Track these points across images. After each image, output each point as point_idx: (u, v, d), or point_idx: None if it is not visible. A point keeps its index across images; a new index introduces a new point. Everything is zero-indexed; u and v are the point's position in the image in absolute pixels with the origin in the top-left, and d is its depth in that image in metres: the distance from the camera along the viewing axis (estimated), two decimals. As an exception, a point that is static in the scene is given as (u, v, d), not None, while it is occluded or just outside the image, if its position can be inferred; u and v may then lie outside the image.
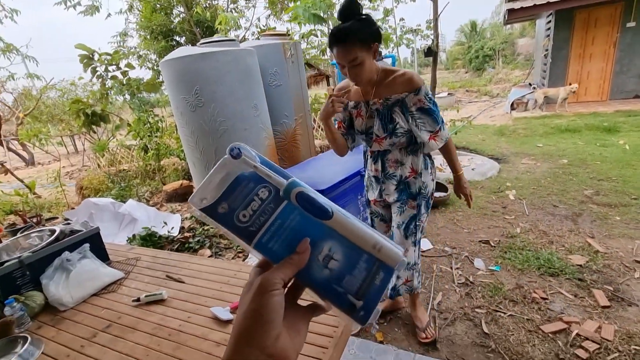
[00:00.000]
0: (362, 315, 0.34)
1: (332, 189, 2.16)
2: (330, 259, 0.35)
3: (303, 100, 4.22)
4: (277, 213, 0.35)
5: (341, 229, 0.35)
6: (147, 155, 5.45)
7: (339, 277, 0.35)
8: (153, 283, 1.48)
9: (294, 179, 0.37)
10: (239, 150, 0.36)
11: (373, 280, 0.35)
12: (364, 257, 0.35)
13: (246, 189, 0.36)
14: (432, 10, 3.62)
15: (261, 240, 0.35)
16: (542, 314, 1.90)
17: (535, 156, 4.75)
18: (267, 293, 0.32)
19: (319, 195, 0.37)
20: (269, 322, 0.31)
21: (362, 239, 0.35)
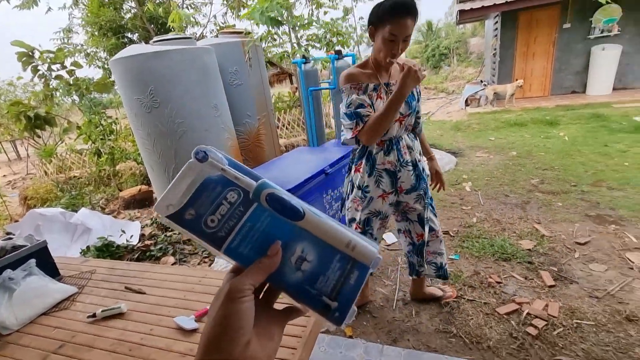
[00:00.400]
0: (337, 316, 0.33)
1: (297, 188, 2.16)
2: (303, 261, 0.34)
3: (265, 99, 4.17)
4: (246, 216, 0.35)
5: (313, 229, 0.35)
6: (101, 160, 5.11)
7: (312, 278, 0.34)
8: (111, 296, 1.40)
9: (264, 180, 0.36)
10: (205, 153, 0.35)
11: (347, 280, 0.34)
12: (338, 256, 0.34)
13: (214, 193, 0.35)
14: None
15: (230, 245, 0.34)
16: (497, 297, 2.04)
17: (489, 149, 5.06)
18: (236, 300, 0.31)
19: (290, 196, 0.36)
20: (238, 330, 0.30)
21: (335, 238, 0.35)
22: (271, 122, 4.39)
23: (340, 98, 1.69)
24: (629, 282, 2.03)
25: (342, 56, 3.99)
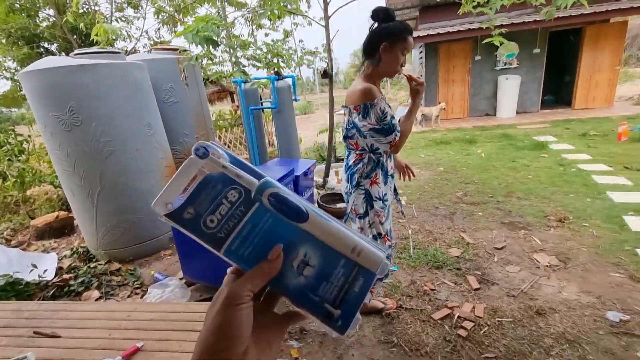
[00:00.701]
0: (340, 325, 0.32)
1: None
2: (305, 265, 0.33)
3: (204, 117, 4.05)
4: (247, 217, 0.33)
5: (317, 232, 0.33)
6: (7, 185, 4.43)
7: (314, 284, 0.32)
8: (15, 345, 1.20)
9: (266, 179, 0.34)
10: (205, 149, 0.33)
11: (352, 287, 0.32)
12: (342, 261, 0.33)
13: (214, 192, 0.33)
14: (325, 37, 3.93)
15: (230, 247, 0.32)
16: (432, 304, 2.19)
17: (420, 165, 5.51)
18: (234, 307, 0.29)
19: (295, 196, 0.34)
20: (234, 339, 0.29)
21: (341, 242, 0.33)
22: (211, 140, 4.26)
23: (282, 117, 1.73)
24: (537, 280, 2.34)
25: (282, 77, 4.08)
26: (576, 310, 2.02)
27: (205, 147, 0.33)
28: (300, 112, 17.39)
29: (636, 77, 14.82)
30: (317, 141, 6.75)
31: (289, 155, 4.37)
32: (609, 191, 3.63)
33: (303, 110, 17.58)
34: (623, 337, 1.79)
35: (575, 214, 3.21)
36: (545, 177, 4.28)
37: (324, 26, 3.94)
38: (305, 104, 18.44)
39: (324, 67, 3.96)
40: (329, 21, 3.95)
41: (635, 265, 2.36)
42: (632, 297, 2.07)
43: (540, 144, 5.87)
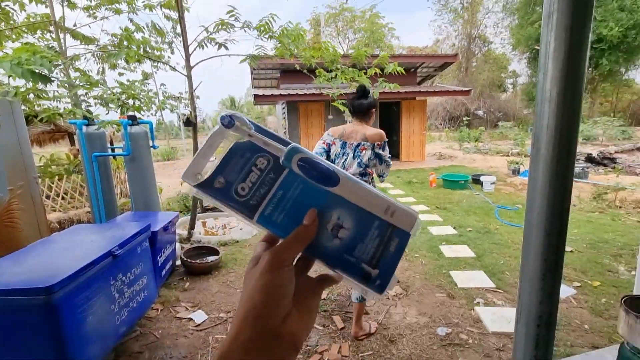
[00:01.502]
0: (379, 285, 0.32)
1: (70, 280, 1.69)
2: (340, 228, 0.33)
3: (25, 163, 3.20)
4: (278, 183, 0.33)
5: (349, 195, 0.33)
6: None
7: (350, 246, 0.33)
8: None
9: (294, 145, 0.33)
10: (231, 118, 0.33)
11: (388, 247, 0.33)
12: (376, 223, 0.33)
13: (242, 160, 0.33)
14: (188, 85, 3.87)
15: (264, 213, 0.33)
16: (303, 353, 2.21)
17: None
18: (277, 269, 0.30)
19: (324, 160, 0.34)
20: (278, 301, 0.29)
21: (373, 203, 0.33)
22: (33, 192, 3.36)
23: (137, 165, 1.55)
24: (388, 309, 2.69)
25: (136, 122, 3.71)
26: (417, 331, 2.41)
27: (231, 116, 0.33)
28: (163, 159, 15.88)
29: (436, 139, 20.17)
30: (180, 191, 6.23)
31: (147, 207, 3.86)
32: (429, 226, 4.66)
33: (166, 157, 16.14)
34: (449, 348, 2.23)
35: (410, 247, 3.94)
36: (388, 218, 5.16)
37: (187, 76, 3.89)
38: (169, 150, 17.01)
39: (186, 115, 3.83)
40: (194, 71, 3.93)
41: (450, 285, 3.04)
42: (451, 312, 2.63)
43: (382, 189, 7.10)
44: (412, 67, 11.12)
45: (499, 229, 4.53)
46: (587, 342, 2.23)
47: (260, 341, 0.28)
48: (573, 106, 0.62)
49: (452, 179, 7.24)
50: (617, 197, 5.55)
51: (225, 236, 4.47)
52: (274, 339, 0.28)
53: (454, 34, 30.07)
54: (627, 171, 8.25)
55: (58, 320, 1.66)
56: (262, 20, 3.65)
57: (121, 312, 2.12)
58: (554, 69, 0.62)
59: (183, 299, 2.93)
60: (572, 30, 0.60)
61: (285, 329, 0.29)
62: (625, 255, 3.55)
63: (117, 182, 6.01)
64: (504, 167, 8.90)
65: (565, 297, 2.79)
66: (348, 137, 2.26)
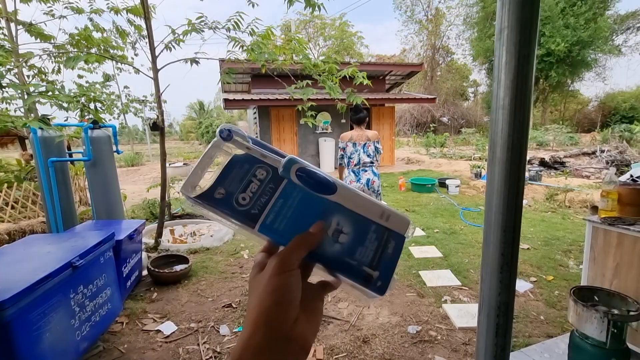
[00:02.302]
0: (380, 285, 0.34)
1: (23, 295, 1.58)
2: (340, 233, 0.34)
3: (-32, 171, 2.94)
4: (278, 192, 0.34)
5: (346, 202, 0.35)
6: None
7: (351, 250, 0.34)
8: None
9: (291, 156, 0.35)
10: (229, 132, 0.35)
11: (386, 249, 0.34)
12: (373, 227, 0.35)
13: (242, 171, 0.34)
14: (154, 88, 3.75)
15: (265, 222, 0.34)
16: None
17: (260, 218, 5.70)
18: (285, 272, 0.30)
19: (320, 170, 0.35)
20: (288, 304, 0.30)
21: (369, 209, 0.35)
22: (-22, 202, 3.08)
23: (99, 171, 1.47)
24: (361, 311, 2.74)
25: (98, 126, 3.53)
26: (389, 331, 2.47)
27: (229, 130, 0.35)
28: (127, 164, 15.10)
29: (404, 144, 20.85)
30: (147, 197, 5.97)
31: (109, 215, 3.66)
32: (399, 229, 4.80)
33: (130, 162, 15.37)
34: (420, 345, 2.30)
35: (381, 250, 4.04)
36: (359, 222, 5.25)
37: (153, 78, 3.76)
38: (133, 155, 16.22)
39: (154, 119, 3.70)
40: (161, 73, 3.81)
41: (420, 284, 3.15)
42: (421, 310, 2.72)
43: (353, 194, 7.23)
44: (380, 75, 11.46)
45: (464, 229, 4.76)
46: (543, 332, 2.40)
47: (273, 344, 0.28)
48: (523, 113, 0.69)
49: (420, 182, 7.51)
50: (567, 197, 6.03)
51: (195, 244, 4.34)
52: (285, 341, 0.29)
53: (420, 44, 31.42)
54: (574, 174, 8.98)
55: (10, 339, 1.54)
56: (231, 21, 3.62)
57: (82, 327, 2.00)
58: (505, 79, 0.69)
59: (150, 310, 2.80)
60: (520, 44, 0.67)
61: (295, 332, 0.30)
62: (574, 250, 3.86)
63: (76, 189, 5.65)
64: (467, 171, 9.37)
65: (523, 291, 2.98)
66: (356, 139, 3.50)
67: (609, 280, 1.97)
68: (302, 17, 27.61)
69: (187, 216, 5.70)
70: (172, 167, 11.25)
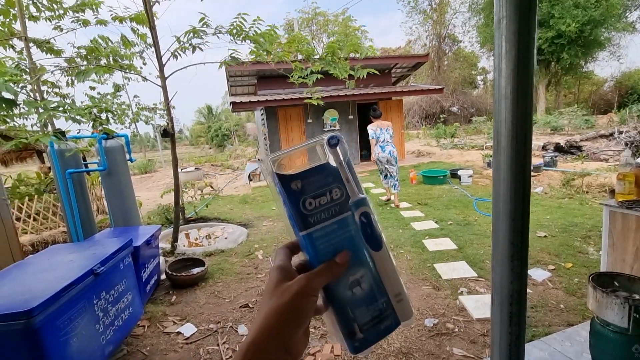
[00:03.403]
0: (357, 346, 0.35)
1: (51, 301, 1.65)
2: (357, 285, 0.36)
3: (-8, 186, 3.07)
4: (338, 218, 0.36)
5: (380, 264, 0.37)
6: None
7: (356, 304, 0.36)
8: None
9: (365, 197, 0.37)
10: (338, 141, 0.37)
11: (380, 323, 0.36)
12: (384, 299, 0.37)
13: (324, 181, 0.36)
14: (163, 96, 3.82)
15: (312, 234, 0.35)
16: (296, 355, 2.22)
17: (272, 217, 5.75)
18: (308, 297, 0.33)
19: (378, 224, 0.37)
20: (300, 325, 0.33)
21: (392, 283, 0.37)
22: (3, 215, 3.22)
23: (114, 180, 1.52)
24: (376, 306, 2.75)
25: (111, 136, 3.63)
26: (405, 324, 2.47)
27: (338, 139, 0.37)
28: (140, 172, 15.44)
29: (414, 137, 20.62)
30: (161, 203, 6.10)
31: (126, 222, 3.76)
32: (412, 222, 4.77)
33: (144, 169, 15.70)
34: (437, 338, 2.30)
35: (394, 244, 4.03)
36: (371, 217, 5.24)
37: (161, 86, 3.83)
38: (146, 162, 16.57)
39: (164, 126, 3.78)
40: (169, 81, 3.88)
41: (435, 277, 3.13)
42: (437, 303, 2.71)
43: (364, 189, 7.20)
44: (386, 68, 11.36)
45: (478, 220, 4.70)
46: (564, 320, 2.35)
47: (277, 351, 0.32)
48: (525, 101, 0.69)
49: (431, 174, 7.43)
50: (584, 182, 5.87)
51: (210, 246, 4.42)
52: (285, 352, 0.32)
53: (425, 34, 30.94)
54: (591, 158, 8.73)
55: (40, 345, 1.61)
56: (233, 24, 3.65)
57: (106, 331, 2.07)
58: (506, 69, 0.69)
59: (170, 313, 2.88)
60: (519, 33, 0.66)
61: (294, 347, 0.33)
62: (594, 236, 3.77)
63: (94, 198, 5.82)
64: (479, 161, 9.22)
65: (542, 280, 2.93)
66: (380, 126, 5.49)
67: (629, 265, 1.92)
68: (304, 15, 27.57)
69: (201, 220, 5.80)
70: (185, 172, 11.44)
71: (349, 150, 0.37)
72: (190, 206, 6.46)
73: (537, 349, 1.96)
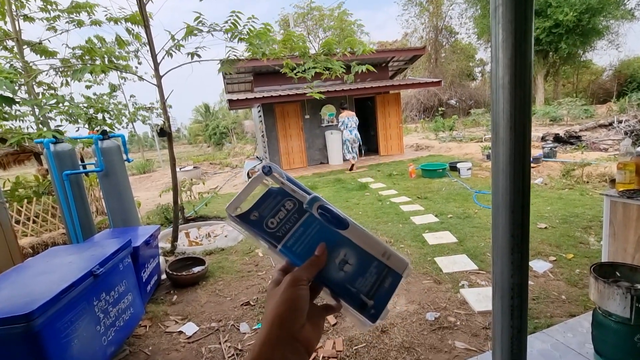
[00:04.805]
0: (373, 314, 0.38)
1: (51, 304, 1.64)
2: (345, 263, 0.40)
3: (-11, 190, 3.05)
4: (300, 222, 0.41)
5: (355, 237, 0.41)
6: None
7: (352, 278, 0.39)
8: None
9: (315, 195, 0.43)
10: (270, 168, 0.43)
11: (383, 283, 0.39)
12: (375, 263, 0.40)
13: (274, 201, 0.42)
14: (159, 95, 3.79)
15: (287, 244, 0.40)
16: (298, 351, 2.22)
17: (272, 215, 5.74)
18: (297, 286, 0.37)
19: (337, 209, 0.42)
20: (298, 310, 0.37)
21: (374, 247, 0.40)
22: (2, 218, 3.20)
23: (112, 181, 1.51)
24: (377, 301, 2.74)
25: (107, 136, 3.60)
26: (407, 319, 2.47)
27: (270, 166, 0.43)
28: (138, 172, 15.42)
29: (412, 131, 20.57)
30: (160, 203, 6.09)
31: (125, 223, 3.75)
32: (412, 216, 4.77)
33: (142, 169, 15.67)
34: (439, 332, 2.30)
35: (395, 238, 4.02)
36: (371, 211, 5.23)
37: (157, 85, 3.80)
38: (144, 162, 16.53)
39: (160, 125, 3.75)
40: (165, 80, 3.85)
41: (436, 271, 3.13)
42: (438, 297, 2.71)
43: (363, 184, 7.19)
44: (383, 62, 11.28)
45: (478, 212, 4.69)
46: (565, 311, 2.35)
47: (284, 341, 0.36)
48: (523, 90, 0.67)
49: (430, 168, 7.42)
50: (584, 172, 5.86)
51: (210, 245, 4.41)
52: (293, 341, 0.36)
53: (421, 27, 30.72)
54: (591, 148, 8.71)
55: (41, 347, 1.60)
56: (228, 22, 3.61)
57: (107, 332, 2.06)
58: (504, 58, 0.67)
59: (172, 312, 2.88)
60: (516, 22, 0.64)
61: (301, 335, 0.37)
62: (595, 226, 3.76)
63: (92, 199, 5.80)
64: (478, 153, 9.19)
65: (543, 271, 2.93)
66: (347, 115, 8.07)
67: (630, 254, 1.92)
68: (300, 10, 27.36)
69: (200, 218, 5.79)
70: (183, 171, 11.42)
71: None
72: (190, 205, 6.44)
73: (539, 340, 1.96)
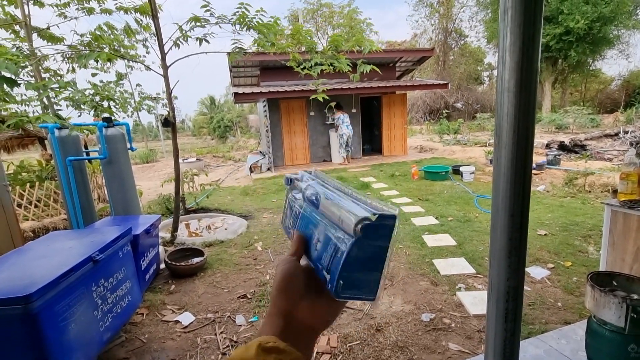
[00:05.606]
0: (331, 288, 0.37)
1: (49, 288, 1.66)
2: (318, 242, 0.41)
3: (-7, 172, 3.08)
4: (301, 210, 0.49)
5: (325, 212, 0.42)
6: None
7: (320, 256, 0.40)
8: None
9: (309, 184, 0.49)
10: (290, 180, 0.54)
11: (336, 253, 0.37)
12: (332, 232, 0.39)
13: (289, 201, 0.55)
14: (165, 85, 3.80)
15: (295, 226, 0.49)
16: (292, 346, 2.24)
17: (273, 209, 5.76)
18: (286, 262, 0.41)
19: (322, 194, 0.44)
20: (290, 277, 0.40)
21: (333, 215, 0.39)
22: (4, 201, 3.23)
23: (114, 169, 1.52)
24: (374, 300, 2.76)
25: (112, 124, 3.62)
26: (402, 319, 2.48)
27: (290, 179, 0.54)
28: (141, 161, 15.45)
29: (417, 132, 20.50)
30: (162, 193, 6.11)
31: (126, 211, 3.77)
32: (412, 217, 4.77)
33: (145, 159, 15.70)
34: (433, 333, 2.31)
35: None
36: (371, 211, 5.23)
37: (163, 75, 3.81)
38: (147, 152, 16.57)
39: (165, 115, 3.76)
40: (171, 70, 3.86)
41: (434, 273, 3.14)
42: (434, 299, 2.72)
43: (365, 184, 7.19)
44: (391, 62, 11.24)
45: (479, 216, 4.69)
46: (561, 318, 2.36)
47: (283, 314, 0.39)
48: (529, 94, 0.67)
49: (433, 170, 7.40)
50: (587, 181, 5.84)
51: (210, 237, 4.43)
52: (290, 316, 0.38)
53: (431, 28, 30.52)
54: (595, 157, 8.66)
55: (38, 330, 1.62)
56: (237, 14, 3.60)
57: (105, 318, 2.08)
58: (510, 61, 0.67)
59: (169, 301, 2.90)
60: (525, 25, 0.64)
61: (298, 312, 0.39)
62: (594, 236, 3.75)
63: (94, 186, 5.83)
64: (482, 157, 9.16)
65: (540, 278, 2.93)
66: (344, 113, 9.40)
67: (628, 265, 1.91)
68: (309, 6, 27.24)
69: (201, 210, 5.82)
70: (186, 163, 11.44)
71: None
72: (191, 196, 6.47)
73: (532, 346, 1.97)
